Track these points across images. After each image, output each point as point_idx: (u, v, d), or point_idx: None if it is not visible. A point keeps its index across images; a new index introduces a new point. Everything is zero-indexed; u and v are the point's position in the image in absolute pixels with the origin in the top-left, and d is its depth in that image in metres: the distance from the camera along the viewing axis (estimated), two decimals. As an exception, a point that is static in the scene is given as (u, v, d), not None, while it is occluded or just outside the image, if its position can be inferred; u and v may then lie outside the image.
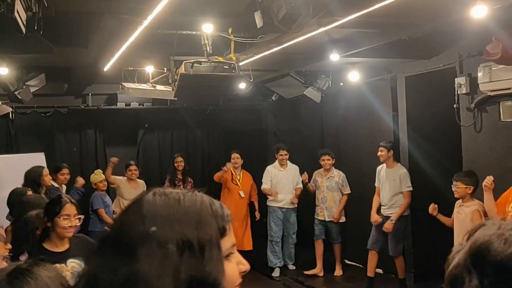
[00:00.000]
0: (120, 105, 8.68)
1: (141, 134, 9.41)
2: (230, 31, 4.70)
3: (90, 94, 8.75)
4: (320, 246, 7.39)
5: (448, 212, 5.36)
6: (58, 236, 3.25)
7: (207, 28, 4.55)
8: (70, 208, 3.27)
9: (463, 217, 4.75)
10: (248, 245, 7.67)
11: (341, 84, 7.78)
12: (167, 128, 9.55)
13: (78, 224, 3.35)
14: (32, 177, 5.53)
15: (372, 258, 6.48)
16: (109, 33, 4.67)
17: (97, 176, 7.09)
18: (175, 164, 7.76)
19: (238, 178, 7.77)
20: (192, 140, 9.73)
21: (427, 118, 6.72)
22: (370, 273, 6.54)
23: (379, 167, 6.64)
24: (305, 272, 7.46)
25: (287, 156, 7.64)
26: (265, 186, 7.58)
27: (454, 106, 5.99)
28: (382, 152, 6.46)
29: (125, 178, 7.55)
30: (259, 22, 3.70)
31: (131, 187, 7.40)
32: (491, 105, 5.64)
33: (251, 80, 6.09)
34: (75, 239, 3.38)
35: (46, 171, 5.82)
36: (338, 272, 7.42)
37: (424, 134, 6.68)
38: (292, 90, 8.50)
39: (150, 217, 0.90)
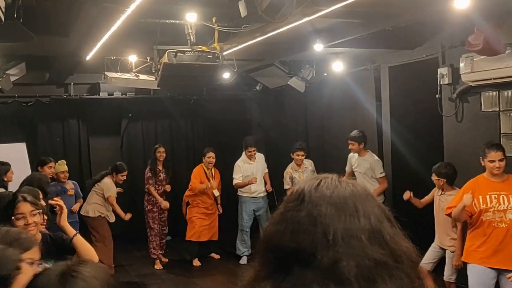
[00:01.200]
0: (103, 94, 8.60)
1: (125, 124, 9.34)
2: (214, 20, 4.67)
3: (72, 84, 8.65)
4: None
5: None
6: None
7: (191, 17, 4.51)
8: (23, 207, 3.03)
9: (445, 205, 4.82)
10: (215, 236, 7.85)
11: (325, 74, 7.80)
12: (150, 118, 9.48)
13: (39, 220, 3.07)
14: None
15: None
16: (91, 21, 4.61)
17: (60, 166, 6.85)
18: (157, 154, 7.68)
19: (211, 176, 7.77)
20: (176, 130, 9.69)
21: (410, 108, 6.78)
22: None
23: (350, 154, 6.70)
24: None
25: (255, 152, 7.75)
26: (236, 181, 7.68)
27: (437, 96, 6.06)
28: (353, 146, 6.48)
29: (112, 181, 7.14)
30: (243, 11, 3.68)
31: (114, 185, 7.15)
32: (472, 96, 5.71)
33: (235, 70, 6.07)
34: (48, 238, 3.18)
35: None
36: None
37: (406, 124, 6.75)
38: (276, 80, 8.50)
39: None
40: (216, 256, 7.98)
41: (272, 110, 9.74)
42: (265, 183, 7.81)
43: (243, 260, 7.72)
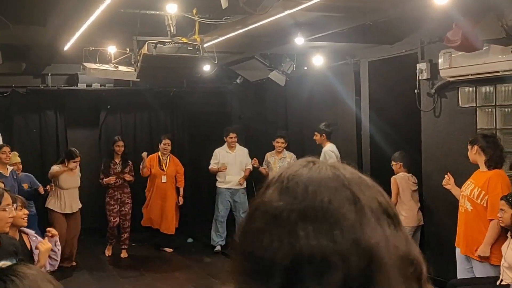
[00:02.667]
0: (81, 85, 8.49)
1: (103, 116, 9.23)
2: (194, 11, 4.64)
3: (49, 74, 8.51)
4: None
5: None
6: None
7: (171, 8, 4.47)
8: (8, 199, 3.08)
9: None
10: (171, 229, 7.84)
11: (305, 68, 7.82)
12: (129, 110, 9.39)
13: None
14: None
15: None
16: (69, 10, 4.53)
17: (12, 158, 6.62)
18: (116, 148, 7.60)
19: (165, 163, 7.78)
20: (155, 123, 9.61)
21: (389, 103, 6.84)
22: None
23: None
24: None
25: (236, 139, 7.85)
26: (210, 166, 7.87)
27: (415, 91, 6.11)
28: (316, 137, 7.00)
29: (61, 166, 7.00)
30: (224, 3, 3.66)
31: (67, 175, 6.98)
32: (450, 91, 5.78)
33: (216, 62, 6.04)
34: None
35: None
36: None
37: (385, 118, 6.81)
38: (257, 73, 8.49)
39: None
40: (169, 250, 7.94)
41: (253, 103, 9.74)
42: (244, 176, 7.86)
43: (217, 249, 7.85)
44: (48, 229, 3.53)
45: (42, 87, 8.60)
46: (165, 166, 7.79)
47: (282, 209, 0.71)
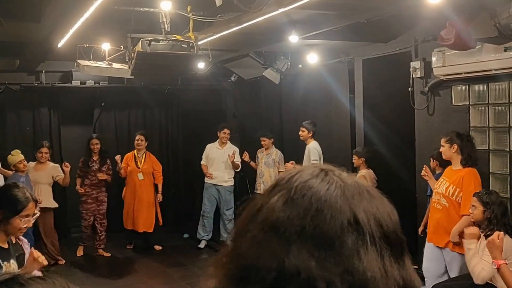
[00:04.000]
0: (75, 83, 8.45)
1: (97, 113, 9.20)
2: (188, 9, 4.64)
3: (43, 71, 8.47)
4: None
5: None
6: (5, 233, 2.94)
7: (165, 6, 4.46)
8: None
9: None
10: (149, 227, 7.75)
11: (300, 66, 7.83)
12: (124, 107, 9.36)
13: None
14: None
15: None
16: (63, 7, 4.51)
17: (16, 157, 6.63)
18: (91, 146, 7.55)
19: (141, 161, 7.76)
20: (150, 120, 9.59)
21: (383, 101, 6.87)
22: None
23: None
24: None
25: (229, 136, 7.96)
26: (202, 162, 8.05)
27: (409, 89, 6.14)
28: (302, 133, 7.15)
29: (34, 162, 7.06)
30: (218, 1, 3.66)
31: (36, 171, 6.97)
32: (443, 89, 5.81)
33: (210, 60, 6.04)
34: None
35: None
36: None
37: (379, 116, 6.83)
38: (252, 71, 8.49)
39: None
40: (158, 248, 7.90)
41: (247, 101, 9.74)
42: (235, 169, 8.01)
43: (202, 244, 7.94)
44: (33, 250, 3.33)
45: (36, 84, 8.56)
46: (141, 163, 7.75)
47: (283, 221, 0.70)
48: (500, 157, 5.29)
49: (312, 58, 7.24)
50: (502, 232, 3.82)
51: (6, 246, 2.97)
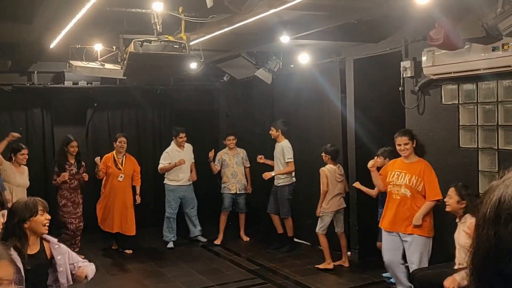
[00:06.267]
0: (68, 83, 8.45)
1: (90, 114, 9.20)
2: (180, 10, 4.67)
3: (36, 72, 8.46)
4: (225, 217, 8.34)
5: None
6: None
7: (157, 7, 4.49)
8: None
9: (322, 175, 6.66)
10: (131, 230, 7.72)
11: (292, 66, 7.88)
12: (116, 107, 9.37)
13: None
14: None
15: (275, 218, 7.87)
16: (55, 8, 4.53)
17: None
18: (71, 149, 7.29)
19: (121, 162, 7.72)
20: (143, 120, 9.61)
21: (374, 100, 6.93)
22: (279, 230, 7.86)
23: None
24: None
25: (185, 138, 8.11)
26: (162, 165, 8.02)
27: (400, 88, 6.20)
28: (272, 132, 7.62)
29: (11, 163, 6.87)
30: (209, 2, 3.70)
31: (18, 172, 6.85)
32: (433, 89, 5.88)
33: (202, 60, 6.07)
34: None
35: None
36: (245, 238, 8.50)
37: (370, 115, 6.90)
38: (244, 71, 8.53)
39: None
40: (128, 251, 7.80)
41: (240, 101, 9.78)
42: (191, 171, 8.19)
43: (170, 245, 8.05)
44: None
45: (28, 85, 8.55)
46: (121, 165, 7.70)
47: None
48: (488, 155, 5.37)
49: (304, 58, 7.30)
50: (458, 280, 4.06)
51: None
